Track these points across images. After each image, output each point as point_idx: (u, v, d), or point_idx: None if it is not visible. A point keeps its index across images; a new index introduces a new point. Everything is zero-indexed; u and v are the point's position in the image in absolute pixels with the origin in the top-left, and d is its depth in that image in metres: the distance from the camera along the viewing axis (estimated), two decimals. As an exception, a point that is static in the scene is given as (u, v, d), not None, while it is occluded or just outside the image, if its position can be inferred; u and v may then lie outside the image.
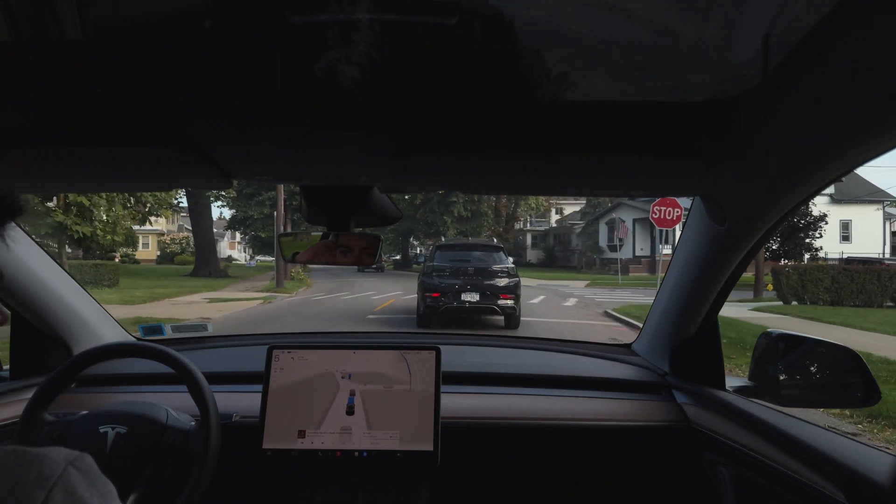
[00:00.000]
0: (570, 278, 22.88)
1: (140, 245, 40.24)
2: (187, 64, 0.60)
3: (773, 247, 19.80)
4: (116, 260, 33.90)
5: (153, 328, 2.05)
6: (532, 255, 36.80)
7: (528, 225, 38.30)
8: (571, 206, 38.40)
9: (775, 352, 1.21)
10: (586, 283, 20.42)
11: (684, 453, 1.26)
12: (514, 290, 8.71)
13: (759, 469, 1.02)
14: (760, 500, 1.02)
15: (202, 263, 22.65)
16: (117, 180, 1.10)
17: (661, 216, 11.85)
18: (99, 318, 1.52)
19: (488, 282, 8.73)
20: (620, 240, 26.17)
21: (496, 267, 8.95)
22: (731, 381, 1.29)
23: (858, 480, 0.81)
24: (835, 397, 1.22)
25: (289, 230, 20.66)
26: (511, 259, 9.74)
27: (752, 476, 1.04)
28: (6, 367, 1.43)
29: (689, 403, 1.30)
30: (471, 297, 8.62)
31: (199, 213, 23.51)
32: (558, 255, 35.43)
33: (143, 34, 0.57)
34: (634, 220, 26.49)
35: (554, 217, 39.95)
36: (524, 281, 9.62)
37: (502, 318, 8.78)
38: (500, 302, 8.63)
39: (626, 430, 1.30)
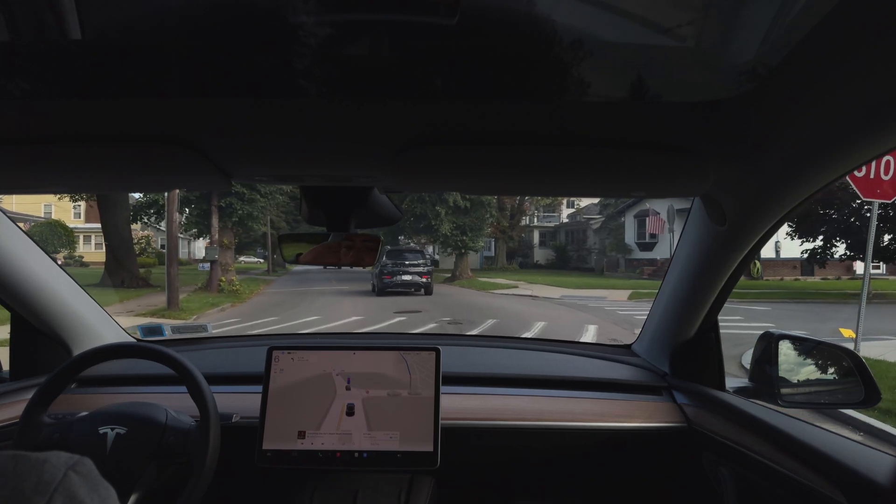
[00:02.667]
0: (599, 285, 17.44)
1: (93, 245, 34.57)
2: (187, 64, 0.60)
3: (885, 243, 14.59)
4: (59, 262, 27.85)
5: (153, 328, 1.99)
6: (540, 254, 31.75)
7: (536, 221, 33.12)
8: (588, 198, 33.38)
9: (775, 352, 1.20)
10: (628, 293, 14.91)
11: (684, 454, 1.26)
12: (429, 273, 15.90)
13: (759, 470, 1.02)
14: (761, 501, 1.03)
15: (114, 269, 16.01)
16: (117, 180, 1.05)
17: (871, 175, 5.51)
18: (98, 318, 1.52)
19: (414, 269, 15.65)
20: (653, 235, 21.29)
21: (419, 261, 15.91)
22: (732, 382, 1.29)
23: (859, 481, 0.81)
24: (835, 398, 1.21)
25: (215, 223, 15.25)
26: (428, 256, 17.40)
27: (753, 477, 1.04)
28: (6, 367, 1.44)
29: (689, 404, 1.31)
30: (405, 277, 15.53)
31: (110, 204, 15.97)
32: (572, 255, 30.49)
33: (143, 34, 0.57)
34: (675, 210, 21.31)
35: (566, 211, 34.82)
36: (534, 290, 16.07)
37: (423, 288, 15.74)
38: (420, 280, 15.64)
39: (626, 431, 1.29)
